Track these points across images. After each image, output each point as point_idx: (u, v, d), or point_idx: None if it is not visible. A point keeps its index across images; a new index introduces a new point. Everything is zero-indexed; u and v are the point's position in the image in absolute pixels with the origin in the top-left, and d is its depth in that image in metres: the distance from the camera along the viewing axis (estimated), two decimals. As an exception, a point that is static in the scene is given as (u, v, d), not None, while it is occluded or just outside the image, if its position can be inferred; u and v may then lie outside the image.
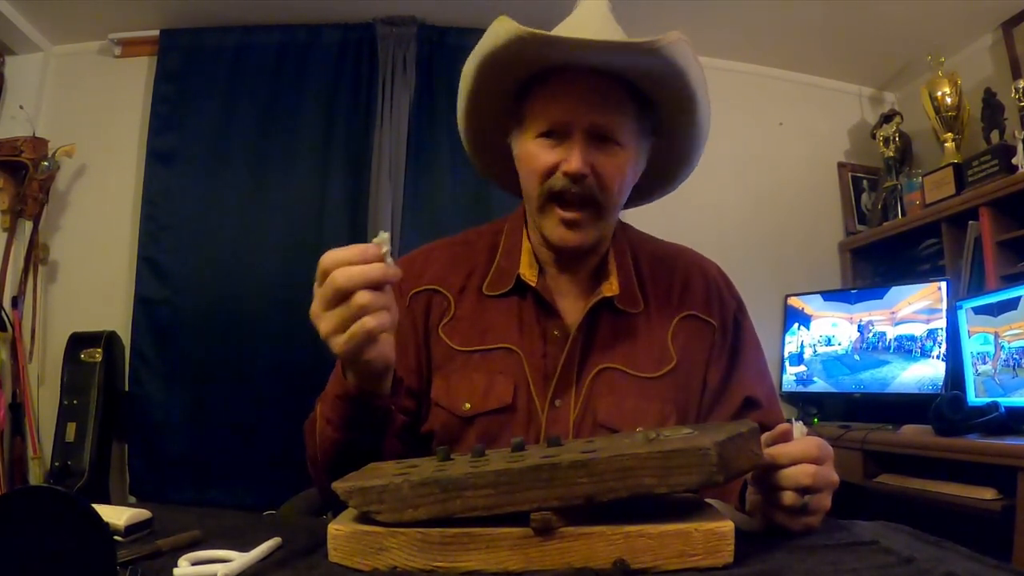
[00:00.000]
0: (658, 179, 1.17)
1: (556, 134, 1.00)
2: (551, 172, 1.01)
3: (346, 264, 0.74)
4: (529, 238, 1.12)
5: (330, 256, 0.76)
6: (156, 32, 3.01)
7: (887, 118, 3.21)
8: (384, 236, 0.76)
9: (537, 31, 0.94)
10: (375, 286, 0.74)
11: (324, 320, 0.76)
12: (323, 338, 0.77)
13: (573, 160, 0.98)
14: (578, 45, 0.95)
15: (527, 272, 1.08)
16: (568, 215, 1.01)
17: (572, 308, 1.08)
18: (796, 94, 3.40)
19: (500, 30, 0.96)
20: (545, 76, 1.02)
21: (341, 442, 0.91)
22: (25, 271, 2.80)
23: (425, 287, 1.12)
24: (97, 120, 3.02)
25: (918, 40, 2.95)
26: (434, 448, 1.07)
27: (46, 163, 2.80)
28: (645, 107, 1.05)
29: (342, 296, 0.74)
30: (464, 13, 2.87)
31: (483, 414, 1.03)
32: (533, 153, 1.02)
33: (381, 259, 0.75)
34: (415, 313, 1.10)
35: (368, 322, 0.73)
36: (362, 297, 0.73)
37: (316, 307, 0.77)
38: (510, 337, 1.06)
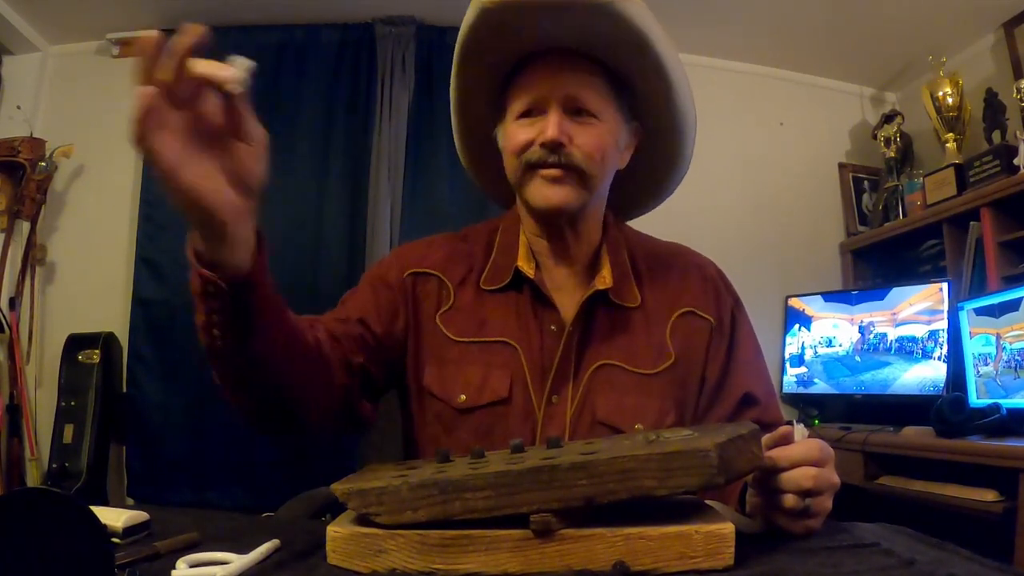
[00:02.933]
0: (653, 180, 1.18)
1: (533, 112, 1.03)
2: (528, 146, 1.02)
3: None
4: (524, 232, 1.13)
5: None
6: (155, 32, 3.01)
7: (888, 118, 3.21)
8: (246, 61, 0.61)
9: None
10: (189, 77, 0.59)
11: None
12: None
13: (549, 129, 1.00)
14: (531, 4, 0.97)
15: (524, 265, 1.08)
16: (549, 172, 1.02)
17: (568, 302, 1.08)
18: (797, 94, 3.40)
19: (470, 11, 1.02)
20: (522, 66, 1.06)
21: (219, 342, 0.76)
22: (23, 272, 2.80)
23: (426, 270, 1.12)
24: (95, 120, 3.01)
25: (919, 40, 2.95)
26: (428, 440, 1.08)
27: (44, 163, 2.80)
28: (622, 88, 1.07)
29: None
30: (463, 13, 2.85)
31: (478, 407, 1.03)
32: (511, 133, 1.05)
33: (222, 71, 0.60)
34: (410, 289, 1.11)
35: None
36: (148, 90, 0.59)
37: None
38: (508, 331, 1.06)
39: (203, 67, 0.59)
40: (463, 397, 1.04)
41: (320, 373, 0.93)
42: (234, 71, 0.59)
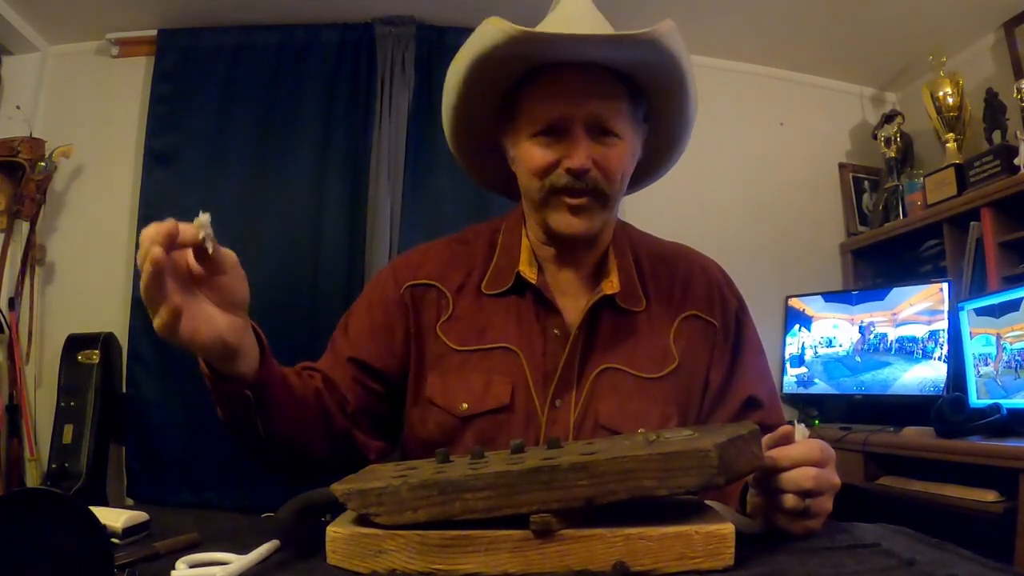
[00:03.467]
0: (648, 167, 1.17)
1: (554, 131, 1.00)
2: (552, 169, 1.00)
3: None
4: (528, 236, 1.12)
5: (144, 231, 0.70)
6: (154, 32, 3.01)
7: (888, 118, 3.21)
8: (204, 217, 0.71)
9: (531, 30, 0.94)
10: (176, 248, 0.70)
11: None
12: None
13: (576, 156, 0.98)
14: (574, 40, 0.95)
15: (526, 270, 1.07)
16: (576, 201, 1.01)
17: (572, 306, 1.07)
18: (797, 94, 3.40)
19: (492, 30, 0.96)
20: (535, 73, 1.02)
21: (233, 427, 0.88)
22: (22, 272, 2.80)
23: (423, 281, 1.11)
24: (95, 120, 3.01)
25: (919, 40, 2.95)
26: (431, 449, 1.07)
27: (43, 164, 2.79)
28: (637, 96, 1.05)
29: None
30: (463, 13, 2.85)
31: (481, 414, 1.03)
32: (531, 153, 1.02)
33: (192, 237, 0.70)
34: (408, 303, 1.10)
35: (151, 270, 0.67)
36: (154, 251, 0.67)
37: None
38: (509, 336, 1.06)
39: (185, 235, 0.70)
40: (465, 405, 1.03)
41: (321, 425, 1.00)
42: (202, 224, 0.70)
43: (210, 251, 0.71)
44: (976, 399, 2.30)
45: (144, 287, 0.68)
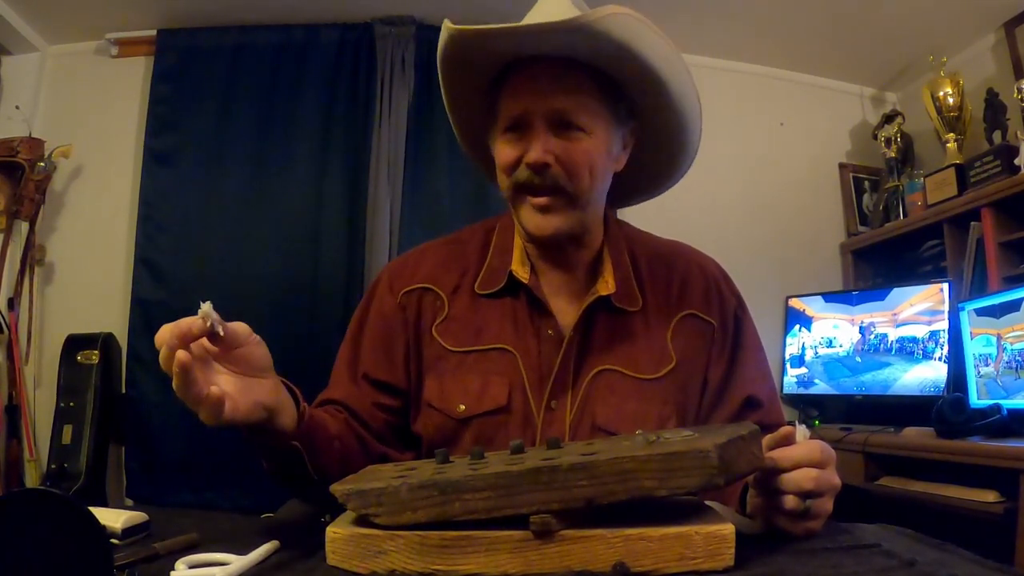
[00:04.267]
0: (657, 173, 1.17)
1: (518, 127, 1.00)
2: (515, 165, 1.01)
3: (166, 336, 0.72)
4: (521, 236, 1.12)
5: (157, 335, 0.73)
6: (153, 32, 3.00)
7: (889, 118, 3.21)
8: (206, 307, 0.74)
9: (466, 27, 0.96)
10: (191, 342, 0.73)
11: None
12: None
13: (532, 151, 0.97)
14: (520, 34, 0.95)
15: (519, 269, 1.07)
16: (538, 200, 1.00)
17: (567, 307, 1.07)
18: (797, 94, 3.40)
19: (443, 33, 0.99)
20: (507, 72, 1.02)
21: (282, 476, 0.93)
22: (21, 272, 2.79)
23: (418, 285, 1.11)
24: (94, 120, 3.01)
25: (920, 40, 2.95)
26: (427, 450, 1.07)
27: (42, 164, 2.79)
28: (614, 91, 1.03)
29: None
30: (462, 13, 2.84)
31: (478, 416, 1.02)
32: (499, 149, 1.03)
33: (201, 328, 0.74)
34: (406, 310, 1.10)
35: (187, 378, 0.72)
36: (180, 356, 0.71)
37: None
38: (505, 337, 1.05)
39: (194, 329, 0.73)
40: (463, 407, 1.03)
41: (361, 454, 1.02)
42: (206, 314, 0.73)
43: (221, 334, 0.75)
44: (976, 399, 2.29)
45: (179, 388, 0.72)
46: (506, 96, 1.02)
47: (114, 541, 0.75)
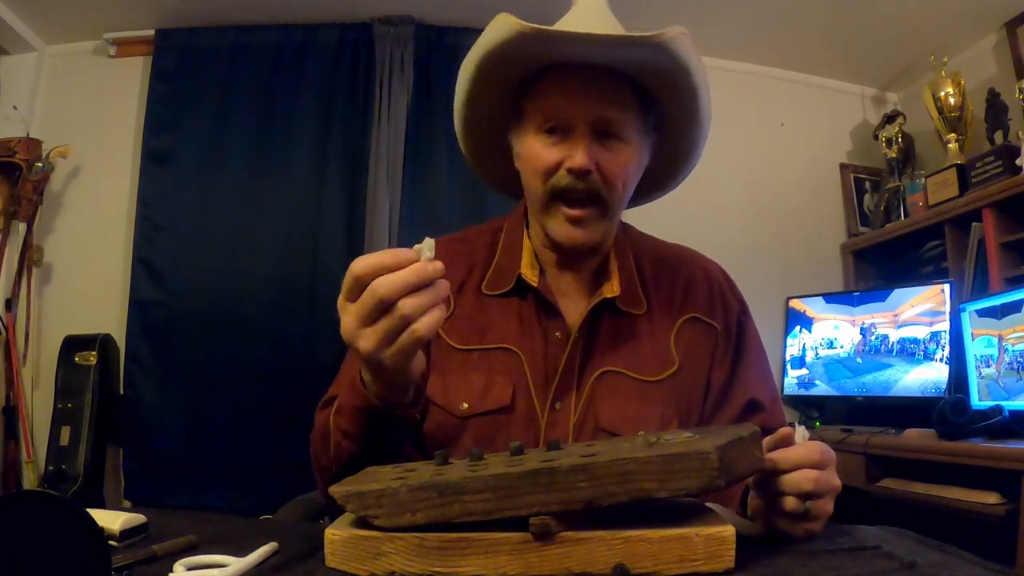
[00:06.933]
0: (659, 178, 1.16)
1: (559, 130, 1.00)
2: (554, 170, 1.00)
3: (383, 271, 0.70)
4: (530, 237, 1.11)
5: (363, 263, 0.71)
6: (152, 32, 3.01)
7: (890, 119, 3.21)
8: (429, 242, 0.72)
9: (540, 27, 0.94)
10: (417, 288, 0.70)
11: (365, 337, 0.72)
12: (364, 356, 0.74)
13: (578, 156, 0.97)
14: (581, 39, 0.94)
15: (528, 272, 1.07)
16: (574, 212, 1.00)
17: (573, 309, 1.07)
18: (798, 94, 3.40)
19: (501, 27, 0.95)
20: (544, 71, 1.01)
21: (360, 454, 0.88)
22: (19, 273, 2.80)
23: None
24: (92, 121, 3.01)
25: (921, 40, 2.95)
26: (430, 449, 1.07)
27: (40, 164, 2.79)
28: (647, 103, 1.04)
29: (384, 307, 0.70)
30: (462, 12, 2.86)
31: (481, 415, 1.02)
32: (535, 151, 1.01)
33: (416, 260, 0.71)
34: None
35: (419, 330, 0.70)
36: (407, 305, 0.69)
37: (352, 323, 0.72)
38: (510, 337, 1.05)
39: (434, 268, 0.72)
40: (465, 405, 1.02)
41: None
42: (427, 252, 0.72)
43: (429, 265, 0.72)
44: (978, 401, 2.29)
45: (403, 348, 0.72)
46: (544, 95, 1.01)
47: (112, 543, 0.74)
